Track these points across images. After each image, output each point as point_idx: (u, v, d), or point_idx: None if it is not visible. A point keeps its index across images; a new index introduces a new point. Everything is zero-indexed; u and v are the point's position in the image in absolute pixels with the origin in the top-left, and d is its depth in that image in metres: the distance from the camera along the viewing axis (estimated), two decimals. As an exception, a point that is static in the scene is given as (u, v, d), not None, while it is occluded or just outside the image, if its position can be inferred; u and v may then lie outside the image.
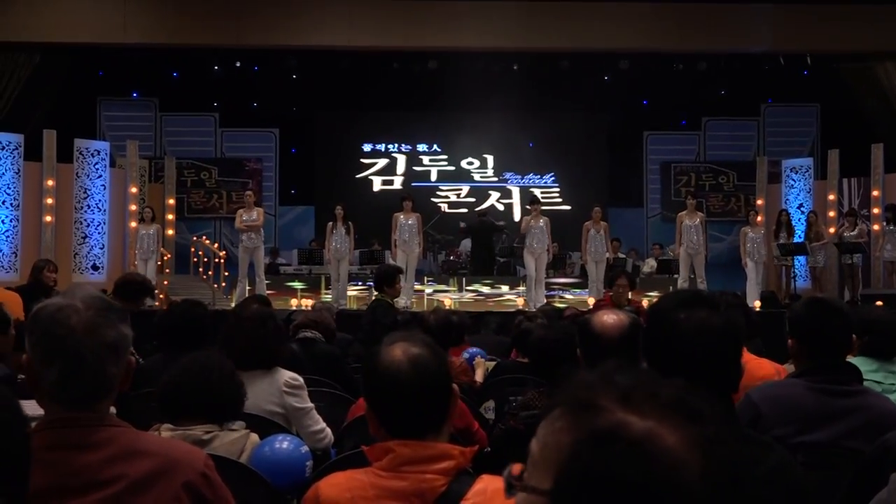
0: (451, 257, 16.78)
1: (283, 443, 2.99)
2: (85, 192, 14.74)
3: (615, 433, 0.86)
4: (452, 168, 19.77)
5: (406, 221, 13.27)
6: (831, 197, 15.37)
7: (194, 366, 2.96)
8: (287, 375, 3.74)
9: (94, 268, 14.81)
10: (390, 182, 19.71)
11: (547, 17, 15.56)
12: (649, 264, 16.57)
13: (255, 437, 3.00)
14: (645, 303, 12.22)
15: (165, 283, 14.83)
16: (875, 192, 14.84)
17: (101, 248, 14.87)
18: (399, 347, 1.91)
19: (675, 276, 14.03)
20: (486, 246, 15.80)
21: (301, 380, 3.78)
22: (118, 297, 5.20)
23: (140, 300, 5.85)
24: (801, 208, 15.94)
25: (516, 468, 0.97)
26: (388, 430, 1.88)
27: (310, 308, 6.12)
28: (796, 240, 14.63)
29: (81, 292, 1.86)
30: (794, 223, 15.02)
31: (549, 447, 0.92)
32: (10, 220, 14.19)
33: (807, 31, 15.65)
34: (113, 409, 1.94)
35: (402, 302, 13.28)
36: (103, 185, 14.95)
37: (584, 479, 0.86)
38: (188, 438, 2.78)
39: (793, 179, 16.34)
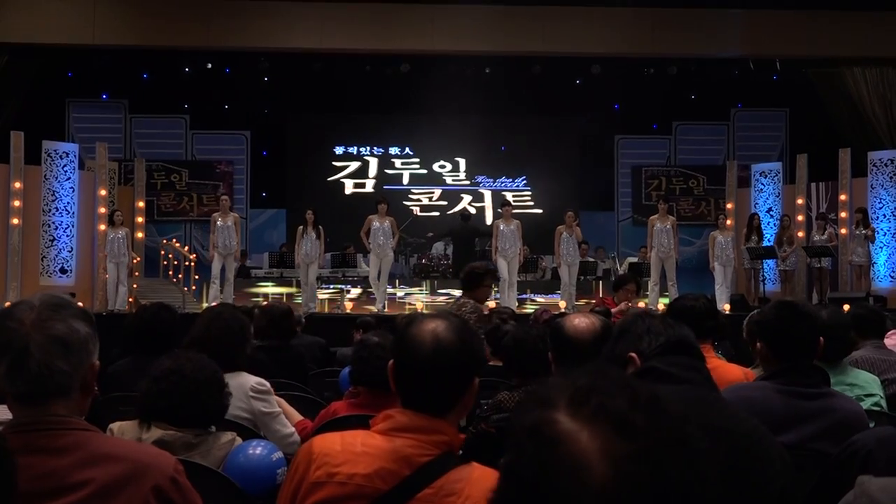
0: (424, 260, 16.79)
1: (257, 449, 2.97)
2: (53, 195, 14.58)
3: (538, 429, 0.87)
4: (424, 171, 19.77)
5: (381, 225, 13.26)
6: (800, 201, 15.52)
7: (184, 376, 2.93)
8: (253, 380, 3.72)
9: (63, 271, 14.65)
10: (362, 185, 19.69)
11: (519, 21, 15.61)
12: (624, 266, 16.63)
13: (240, 441, 2.98)
14: (642, 304, 12.26)
15: (135, 286, 14.72)
16: (842, 196, 15.00)
17: (70, 252, 14.72)
18: (431, 323, 1.97)
19: (646, 279, 14.11)
20: (468, 250, 15.79)
21: (267, 384, 3.76)
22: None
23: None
24: (771, 212, 16.09)
25: None
26: (401, 396, 1.96)
27: (263, 307, 6.06)
28: (765, 243, 14.76)
29: (46, 294, 1.86)
30: (763, 227, 15.14)
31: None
32: (-23, 223, 14.01)
33: (776, 36, 15.80)
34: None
35: (377, 306, 13.30)
36: (72, 188, 14.80)
37: (504, 469, 0.88)
38: (178, 440, 2.77)
39: (762, 184, 16.49)
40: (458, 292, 14.95)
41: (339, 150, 19.77)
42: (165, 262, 15.92)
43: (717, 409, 1.96)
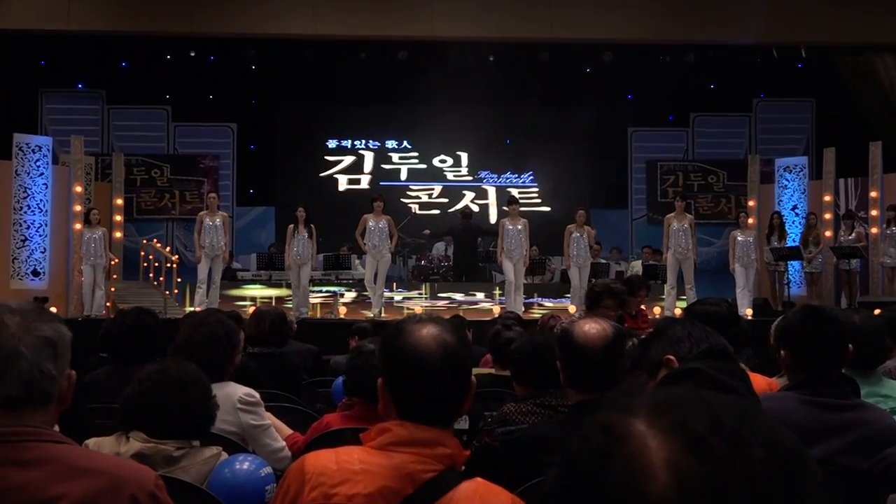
0: (423, 262, 16.79)
1: (244, 464, 2.97)
2: (25, 192, 14.58)
3: (610, 425, 0.90)
4: (424, 166, 19.78)
5: (376, 224, 13.26)
6: (827, 198, 15.50)
7: (169, 377, 2.93)
8: (241, 391, 3.72)
9: (35, 273, 14.65)
10: (357, 181, 19.70)
11: (526, 5, 15.58)
12: (634, 268, 16.61)
13: (225, 456, 2.98)
14: (657, 311, 12.23)
15: (113, 290, 14.72)
16: (873, 193, 14.96)
17: (43, 253, 14.72)
18: (427, 329, 1.98)
19: (660, 282, 14.12)
20: (470, 250, 15.79)
21: (257, 395, 3.76)
22: None
23: None
24: (796, 210, 16.08)
25: None
26: (400, 411, 1.95)
27: (253, 311, 6.07)
28: (790, 243, 14.75)
29: (14, 300, 1.88)
30: (787, 226, 15.13)
31: None
32: (-57, 222, 14.03)
33: (801, 21, 15.76)
34: (56, 427, 1.92)
35: (373, 311, 13.30)
36: (45, 184, 14.80)
37: (563, 460, 0.92)
38: (158, 454, 2.77)
39: (786, 179, 16.48)
40: (459, 295, 15.12)
41: (332, 144, 19.78)
42: (145, 264, 15.92)
43: (766, 424, 1.96)
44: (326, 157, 19.74)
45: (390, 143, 19.85)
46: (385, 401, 1.99)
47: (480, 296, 15.20)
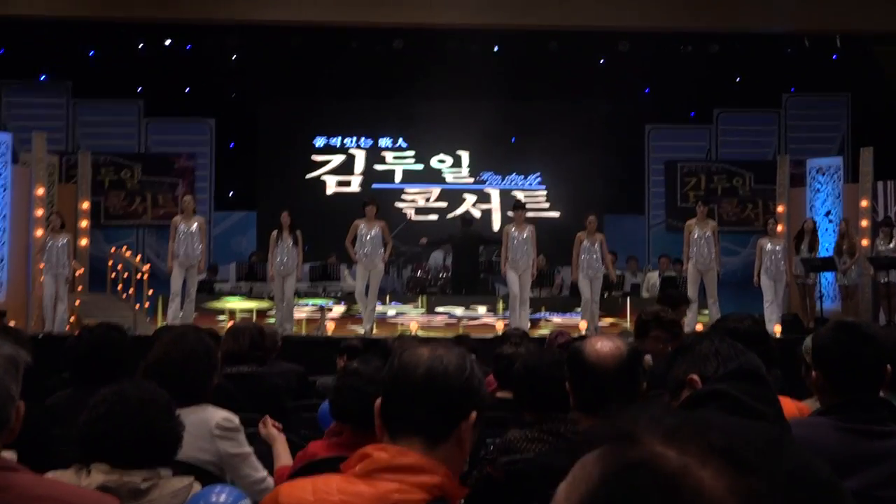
0: (419, 273, 16.78)
1: (221, 495, 2.97)
2: (-19, 194, 14.61)
3: (648, 464, 0.90)
4: (420, 167, 19.79)
5: (369, 231, 13.26)
6: (864, 203, 15.52)
7: (127, 397, 2.93)
8: (219, 415, 3.72)
9: (-8, 284, 14.67)
10: (347, 183, 19.71)
11: (533, -10, 15.62)
12: (651, 280, 16.61)
13: (198, 487, 2.98)
14: (699, 327, 12.19)
15: (77, 303, 14.71)
16: (915, 198, 15.02)
17: (0, 262, 14.72)
18: (429, 347, 2.06)
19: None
20: (470, 260, 15.78)
21: (236, 420, 3.76)
22: None
23: None
24: (829, 216, 16.09)
25: None
26: (388, 428, 2.00)
27: (230, 327, 6.07)
28: (822, 253, 14.75)
29: None
30: (819, 233, 15.14)
31: (577, 480, 0.94)
32: None
33: (837, 7, 15.78)
34: (14, 455, 1.93)
35: (364, 327, 13.30)
36: (3, 186, 14.81)
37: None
38: (123, 487, 2.76)
39: (819, 182, 16.50)
40: (458, 310, 15.11)
41: (319, 142, 19.79)
42: (114, 275, 15.91)
43: (796, 453, 1.96)
44: (313, 157, 19.74)
45: (384, 142, 19.86)
46: (377, 421, 2.02)
47: (482, 310, 15.18)
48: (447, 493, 1.92)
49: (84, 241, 16.21)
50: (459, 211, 18.98)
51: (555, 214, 19.25)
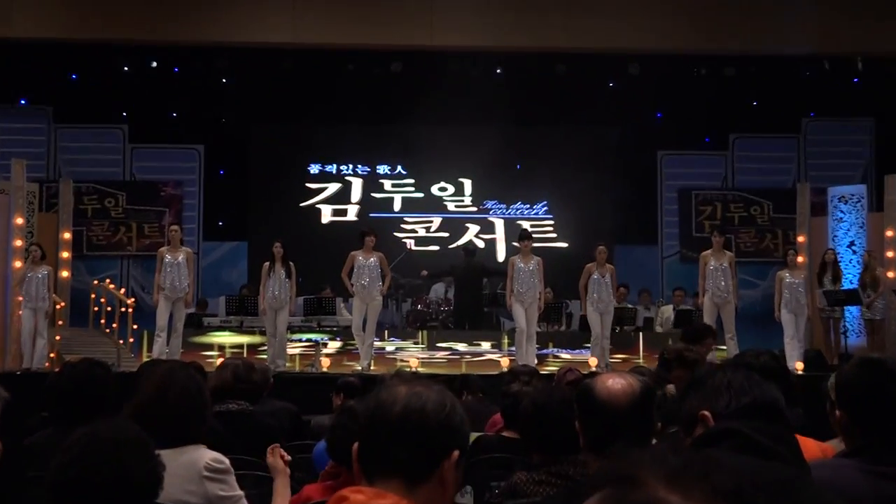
0: (419, 306, 16.77)
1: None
2: (-43, 224, 14.62)
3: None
4: (421, 195, 19.82)
5: (366, 262, 13.26)
6: (889, 233, 15.52)
7: (100, 438, 2.91)
8: (208, 456, 3.71)
9: (-32, 319, 14.66)
10: (343, 212, 19.73)
11: (539, 10, 15.64)
12: (665, 314, 16.60)
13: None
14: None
15: (58, 338, 14.69)
16: (942, 228, 15.02)
17: (-23, 294, 14.73)
18: (407, 385, 2.09)
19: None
20: (473, 293, 15.78)
21: (226, 462, 3.76)
22: None
23: None
24: (853, 247, 16.09)
25: None
26: (365, 470, 2.03)
27: (220, 363, 6.07)
28: (846, 285, 14.74)
29: None
30: (842, 265, 15.13)
31: None
32: None
33: (858, 29, 15.84)
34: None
35: (361, 363, 13.27)
36: (-19, 215, 14.83)
37: None
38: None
39: (841, 211, 16.50)
40: (461, 345, 15.08)
41: (314, 169, 19.83)
42: (96, 308, 15.89)
43: (816, 497, 1.96)
44: (308, 185, 19.77)
45: (382, 169, 19.90)
46: (355, 465, 2.06)
47: (486, 346, 15.16)
48: None
49: (65, 273, 16.19)
50: (462, 241, 18.97)
51: (563, 245, 19.26)
